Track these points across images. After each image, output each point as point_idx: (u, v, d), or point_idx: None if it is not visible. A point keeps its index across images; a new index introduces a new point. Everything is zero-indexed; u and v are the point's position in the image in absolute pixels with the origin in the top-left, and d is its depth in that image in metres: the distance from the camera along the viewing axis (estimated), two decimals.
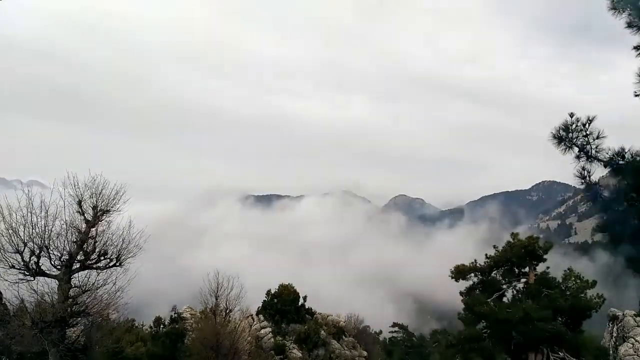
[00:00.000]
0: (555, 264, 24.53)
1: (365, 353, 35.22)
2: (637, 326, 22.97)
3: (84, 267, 13.80)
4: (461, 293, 23.36)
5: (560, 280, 22.40)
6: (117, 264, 14.13)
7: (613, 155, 7.36)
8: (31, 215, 12.83)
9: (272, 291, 36.06)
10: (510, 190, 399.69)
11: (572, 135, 7.47)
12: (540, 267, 22.73)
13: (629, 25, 7.16)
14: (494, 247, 23.28)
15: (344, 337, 35.49)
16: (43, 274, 13.31)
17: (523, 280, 22.53)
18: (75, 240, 13.61)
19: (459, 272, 22.91)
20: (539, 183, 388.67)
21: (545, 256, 22.55)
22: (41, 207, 12.99)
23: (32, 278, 13.12)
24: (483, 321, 22.30)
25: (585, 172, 7.66)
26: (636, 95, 7.22)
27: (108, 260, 14.05)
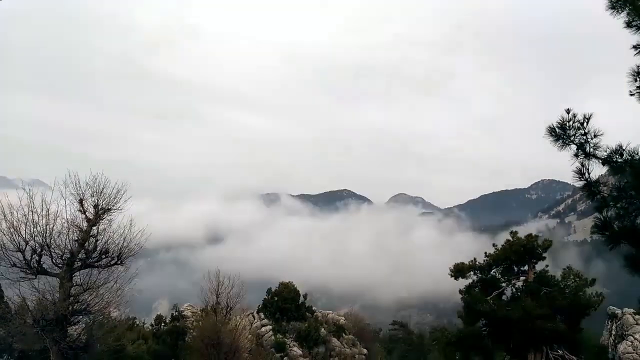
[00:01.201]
0: (554, 263, 24.61)
1: (365, 351, 35.30)
2: (636, 324, 23.04)
3: (85, 265, 13.85)
4: (461, 291, 23.40)
5: (560, 279, 22.44)
6: (118, 262, 14.18)
7: (611, 152, 7.39)
8: (32, 214, 12.88)
9: (273, 289, 36.14)
10: (509, 189, 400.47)
11: (569, 133, 7.50)
12: (540, 266, 22.78)
13: (628, 24, 7.18)
14: (493, 245, 23.31)
15: (344, 334, 35.56)
16: (44, 272, 13.36)
17: (522, 278, 22.57)
18: (76, 238, 13.66)
19: (458, 271, 22.95)
20: (538, 181, 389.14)
21: (544, 254, 22.59)
22: (42, 205, 13.04)
23: (33, 276, 13.16)
24: (482, 319, 22.35)
25: (584, 170, 7.69)
26: (631, 95, 7.25)
27: (109, 258, 14.09)
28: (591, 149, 7.52)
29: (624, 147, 7.36)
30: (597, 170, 7.75)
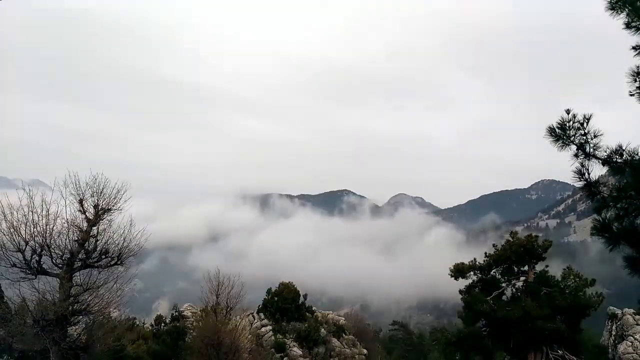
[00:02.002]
0: (554, 263, 24.59)
1: (365, 351, 35.31)
2: (636, 324, 23.05)
3: (85, 265, 13.85)
4: (461, 291, 23.41)
5: (560, 279, 22.43)
6: (118, 262, 14.18)
7: (611, 153, 7.39)
8: (32, 214, 12.87)
9: (273, 289, 36.16)
10: (509, 189, 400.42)
11: (569, 133, 7.50)
12: (539, 266, 22.77)
13: (627, 25, 7.18)
14: (494, 245, 23.31)
15: (344, 335, 35.58)
16: (44, 272, 13.35)
17: (522, 278, 22.55)
18: (76, 238, 13.65)
19: (459, 271, 22.94)
20: (538, 182, 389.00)
21: (544, 255, 22.58)
22: (42, 206, 13.03)
23: (33, 276, 13.15)
24: (483, 319, 22.34)
25: (584, 170, 7.69)
26: (631, 95, 7.27)
27: (109, 258, 14.08)
28: (591, 149, 7.52)
29: (623, 148, 7.36)
30: (597, 170, 7.76)
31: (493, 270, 23.11)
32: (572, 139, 7.53)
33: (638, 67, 7.33)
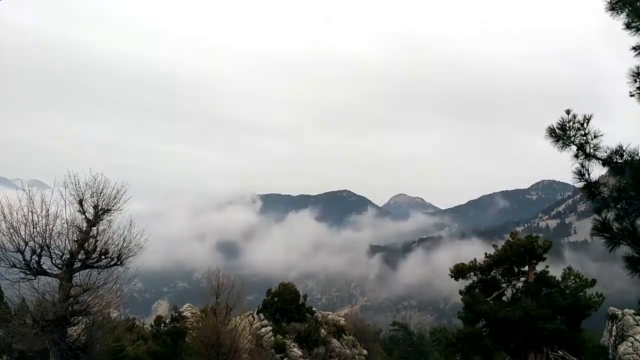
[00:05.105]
0: (554, 263, 24.58)
1: (365, 351, 35.29)
2: (637, 325, 23.02)
3: (85, 266, 13.84)
4: (461, 292, 23.41)
5: (560, 279, 22.42)
6: (118, 263, 14.18)
7: (611, 153, 7.38)
8: (32, 215, 12.86)
9: (273, 290, 36.16)
10: (509, 190, 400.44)
11: (569, 133, 7.49)
12: (540, 266, 22.77)
13: (628, 26, 7.18)
14: (494, 246, 23.30)
15: (344, 335, 35.57)
16: (44, 273, 13.35)
17: (522, 279, 22.54)
18: (76, 239, 13.64)
19: (459, 271, 22.94)
20: (538, 182, 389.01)
21: (544, 255, 22.57)
22: (42, 206, 13.03)
23: (33, 277, 13.15)
24: (483, 320, 22.33)
25: (584, 171, 7.68)
26: (631, 95, 7.27)
27: (109, 259, 14.08)
28: (591, 150, 7.51)
29: (624, 148, 7.35)
30: (597, 171, 7.75)
31: (493, 271, 23.10)
32: (572, 139, 7.52)
33: (638, 67, 7.33)
